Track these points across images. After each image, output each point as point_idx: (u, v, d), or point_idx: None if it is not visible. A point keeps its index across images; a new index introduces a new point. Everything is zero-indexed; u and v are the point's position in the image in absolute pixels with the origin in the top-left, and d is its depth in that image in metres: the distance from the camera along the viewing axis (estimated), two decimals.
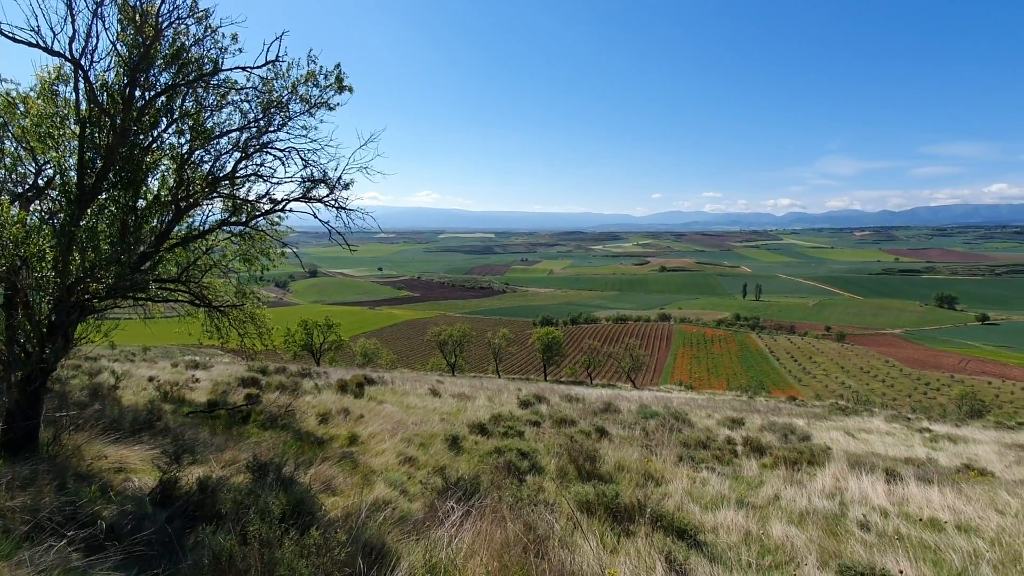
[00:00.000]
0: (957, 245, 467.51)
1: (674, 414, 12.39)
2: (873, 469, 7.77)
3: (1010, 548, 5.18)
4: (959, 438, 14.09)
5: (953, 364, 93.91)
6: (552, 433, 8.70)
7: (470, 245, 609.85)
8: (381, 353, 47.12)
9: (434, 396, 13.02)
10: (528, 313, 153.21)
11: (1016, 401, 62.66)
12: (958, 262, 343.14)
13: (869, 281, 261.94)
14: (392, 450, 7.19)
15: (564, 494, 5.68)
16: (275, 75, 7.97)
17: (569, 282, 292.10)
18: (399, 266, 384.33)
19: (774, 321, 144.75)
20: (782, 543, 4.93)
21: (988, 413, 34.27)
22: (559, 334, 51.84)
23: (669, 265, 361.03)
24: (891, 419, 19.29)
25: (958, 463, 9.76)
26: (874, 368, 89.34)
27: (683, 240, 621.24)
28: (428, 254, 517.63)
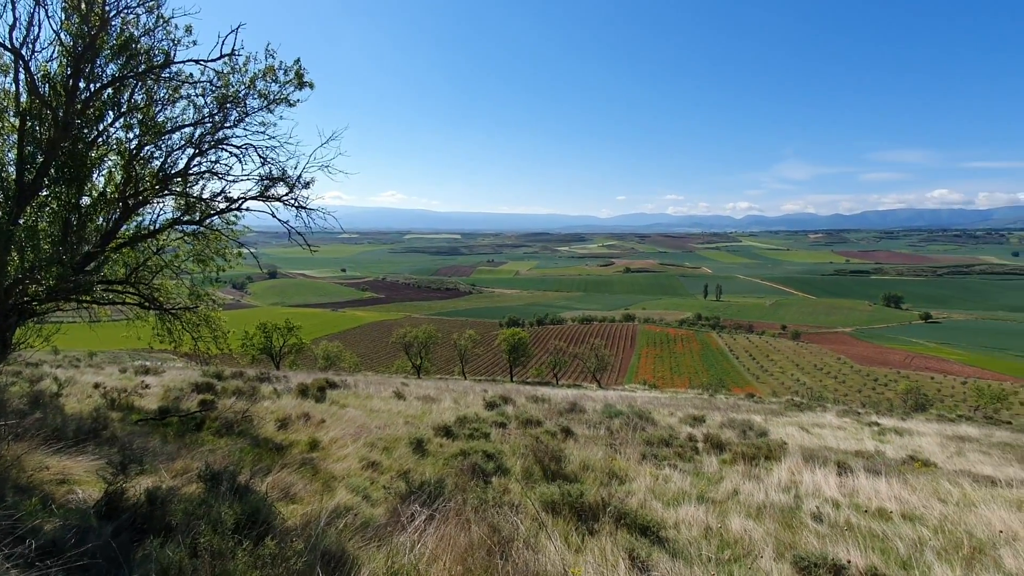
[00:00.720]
0: (903, 247, 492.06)
1: (638, 413, 12.59)
2: (826, 462, 8.07)
3: (952, 535, 5.46)
4: (905, 431, 14.80)
5: (899, 361, 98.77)
6: (518, 434, 8.70)
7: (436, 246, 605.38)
8: (344, 356, 46.21)
9: (399, 399, 12.84)
10: (494, 314, 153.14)
11: (956, 395, 66.38)
12: (904, 263, 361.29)
13: (822, 282, 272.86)
14: (355, 455, 7.04)
15: (529, 495, 5.68)
16: (232, 69, 7.71)
17: (535, 283, 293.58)
18: (363, 267, 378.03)
19: (733, 321, 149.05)
20: (741, 536, 5.05)
21: (931, 407, 36.15)
22: (525, 335, 52.00)
23: (633, 266, 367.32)
24: (842, 414, 20.12)
25: (904, 455, 10.25)
26: (827, 365, 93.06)
27: (647, 242, 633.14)
28: (393, 255, 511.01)
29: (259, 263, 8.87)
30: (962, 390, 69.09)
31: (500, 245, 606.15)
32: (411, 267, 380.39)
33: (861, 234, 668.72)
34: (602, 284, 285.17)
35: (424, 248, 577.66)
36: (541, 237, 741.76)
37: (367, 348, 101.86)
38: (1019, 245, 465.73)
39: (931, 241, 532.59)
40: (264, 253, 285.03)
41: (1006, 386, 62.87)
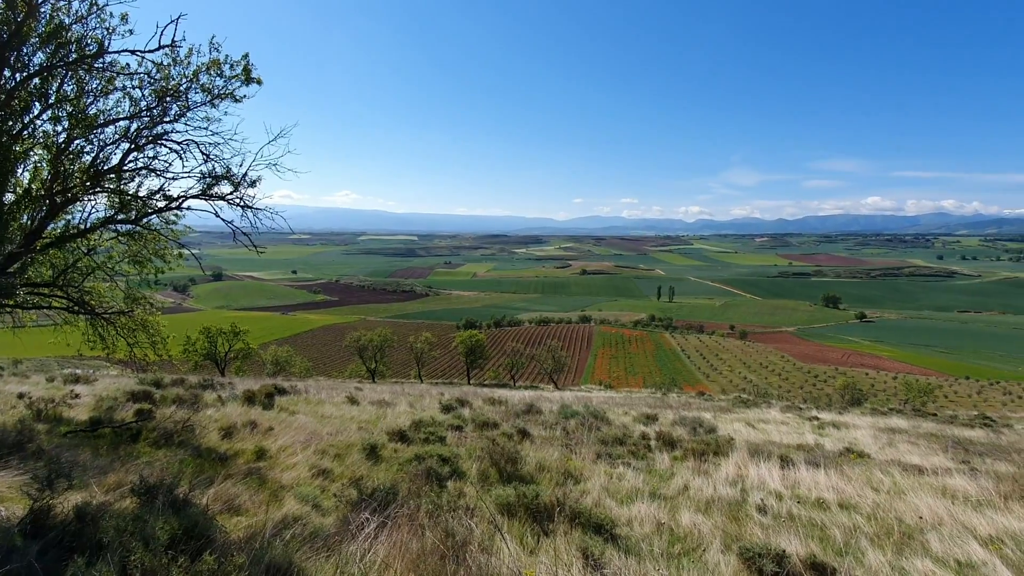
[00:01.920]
0: (840, 251, 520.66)
1: (593, 413, 12.75)
2: (770, 456, 8.39)
3: (884, 522, 5.79)
4: (842, 424, 15.58)
5: (837, 358, 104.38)
6: (474, 437, 8.66)
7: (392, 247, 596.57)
8: (295, 361, 44.76)
9: (352, 404, 12.54)
10: (452, 316, 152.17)
11: (888, 390, 70.69)
12: (841, 266, 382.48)
13: (767, 283, 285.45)
14: (304, 463, 6.82)
15: (485, 498, 5.65)
16: (173, 61, 7.34)
17: (493, 285, 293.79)
18: (316, 269, 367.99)
19: (685, 321, 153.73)
20: (690, 531, 5.19)
21: (866, 401, 38.35)
22: (482, 337, 51.91)
23: (590, 268, 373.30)
24: (786, 409, 21.04)
25: (841, 447, 10.78)
26: (772, 363, 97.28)
27: (603, 244, 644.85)
28: (347, 256, 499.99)
29: (201, 265, 8.48)
30: (893, 385, 73.62)
31: (457, 247, 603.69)
32: (366, 269, 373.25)
33: (803, 238, 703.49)
34: (559, 286, 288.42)
35: (379, 249, 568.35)
36: (499, 239, 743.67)
37: (319, 352, 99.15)
38: (943, 249, 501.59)
39: (865, 245, 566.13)
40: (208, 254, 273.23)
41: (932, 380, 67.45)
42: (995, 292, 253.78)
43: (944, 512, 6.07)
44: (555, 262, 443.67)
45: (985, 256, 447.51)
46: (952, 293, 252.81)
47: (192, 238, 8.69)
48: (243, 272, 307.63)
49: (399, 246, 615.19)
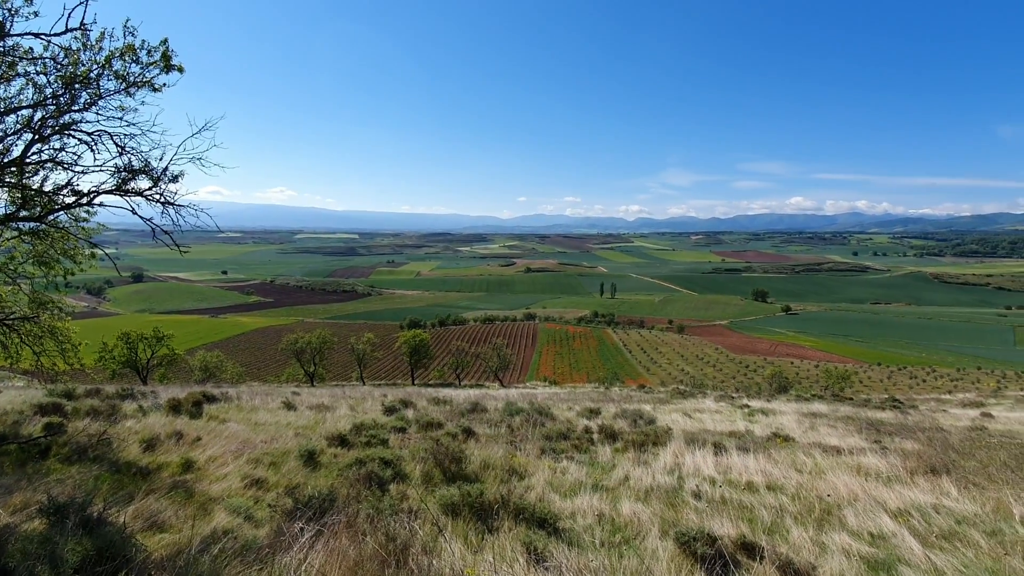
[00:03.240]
0: (767, 248, 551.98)
1: (538, 409, 12.88)
2: (704, 444, 8.78)
3: (806, 500, 6.19)
4: (770, 411, 16.51)
5: (766, 348, 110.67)
6: (418, 438, 8.53)
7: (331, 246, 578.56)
8: (226, 366, 42.48)
9: (288, 410, 12.04)
10: (395, 316, 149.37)
11: (811, 377, 75.57)
12: (768, 262, 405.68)
13: (702, 279, 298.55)
14: (236, 473, 6.49)
15: (428, 499, 5.58)
16: (83, 46, 6.77)
17: (437, 284, 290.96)
18: (248, 269, 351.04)
19: (627, 317, 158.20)
20: (631, 520, 5.34)
21: (791, 389, 40.82)
22: (427, 336, 51.27)
23: (534, 266, 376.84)
24: (719, 399, 22.09)
25: (769, 432, 11.43)
26: (707, 355, 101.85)
27: (547, 242, 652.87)
28: (283, 255, 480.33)
29: (116, 266, 7.86)
30: (815, 372, 78.83)
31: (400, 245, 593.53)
32: (303, 268, 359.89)
33: (734, 236, 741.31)
34: (504, 284, 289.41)
35: (318, 248, 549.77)
36: (443, 237, 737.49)
37: (253, 357, 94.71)
38: (857, 246, 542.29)
39: (790, 243, 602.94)
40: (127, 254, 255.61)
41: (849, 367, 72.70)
42: (902, 285, 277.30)
43: (859, 489, 6.56)
44: (500, 260, 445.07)
45: (893, 252, 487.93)
46: (865, 286, 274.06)
47: (108, 236, 8.05)
48: (167, 273, 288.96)
49: (339, 245, 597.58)
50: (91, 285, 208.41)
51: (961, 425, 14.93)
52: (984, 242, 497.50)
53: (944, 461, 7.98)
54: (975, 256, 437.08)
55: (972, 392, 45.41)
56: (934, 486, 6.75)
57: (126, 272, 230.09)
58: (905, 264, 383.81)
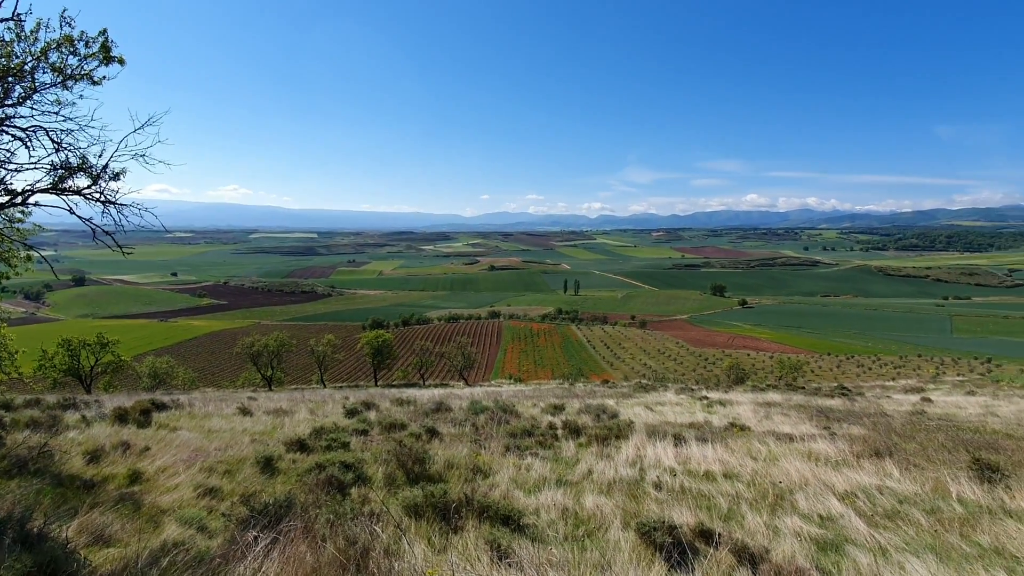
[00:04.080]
0: (725, 244, 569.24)
1: (503, 407, 12.88)
2: (665, 436, 8.97)
3: (761, 487, 6.40)
4: (727, 402, 17.04)
5: (724, 341, 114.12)
6: (381, 440, 8.40)
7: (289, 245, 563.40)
8: (177, 372, 40.74)
9: (244, 415, 11.65)
10: (357, 317, 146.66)
11: (766, 368, 78.31)
12: (726, 257, 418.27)
13: (663, 275, 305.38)
14: (188, 483, 6.23)
15: (391, 501, 5.50)
16: (17, 36, 6.37)
17: (400, 283, 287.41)
18: (200, 270, 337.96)
19: (590, 313, 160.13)
20: (594, 513, 5.40)
21: (748, 380, 42.27)
22: (390, 337, 50.52)
23: (498, 264, 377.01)
24: (680, 391, 22.64)
25: (726, 422, 11.78)
26: (668, 349, 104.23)
27: (510, 240, 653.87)
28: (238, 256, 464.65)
29: (53, 268, 7.42)
30: (770, 363, 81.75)
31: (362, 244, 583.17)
32: (260, 269, 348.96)
33: (693, 232, 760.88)
34: (468, 282, 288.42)
35: (275, 248, 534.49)
36: (406, 236, 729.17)
37: (206, 362, 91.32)
38: (808, 241, 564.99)
39: (745, 239, 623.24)
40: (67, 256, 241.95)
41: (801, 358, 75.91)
42: (849, 278, 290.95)
43: (809, 473, 6.84)
44: (463, 259, 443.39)
45: (841, 247, 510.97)
46: (816, 280, 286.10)
47: (45, 238, 7.61)
48: (112, 275, 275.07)
49: (297, 244, 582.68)
50: (29, 289, 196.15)
51: (903, 410, 15.78)
52: (923, 237, 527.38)
53: (887, 444, 8.41)
54: (915, 250, 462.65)
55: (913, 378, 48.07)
56: (878, 468, 7.11)
57: (65, 275, 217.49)
58: (852, 258, 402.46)
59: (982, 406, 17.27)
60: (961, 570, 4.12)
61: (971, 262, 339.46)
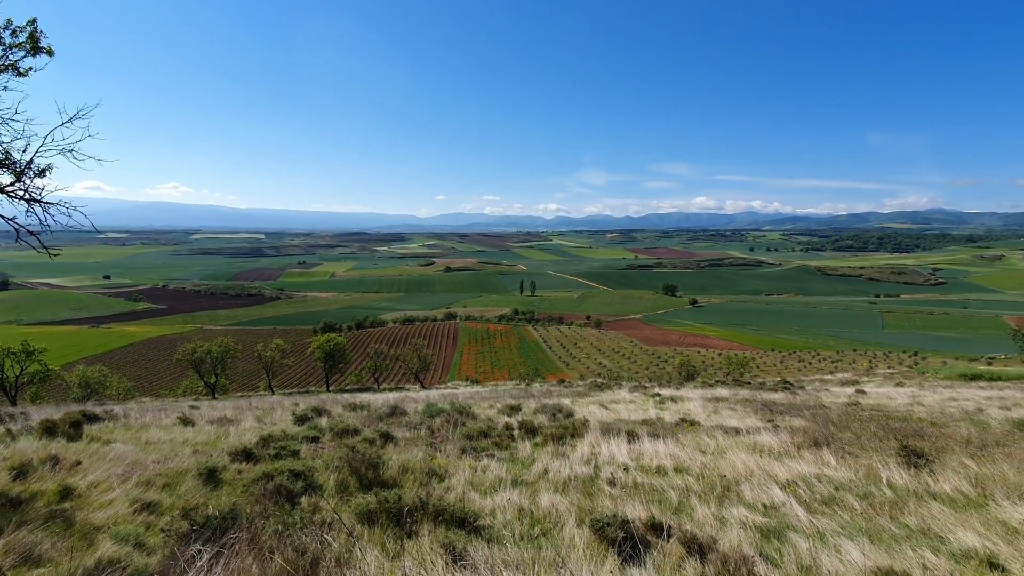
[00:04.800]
0: (676, 245, 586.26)
1: (459, 409, 12.81)
2: (619, 433, 9.16)
3: (709, 479, 6.62)
4: (679, 398, 17.53)
5: (675, 339, 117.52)
6: (333, 447, 8.19)
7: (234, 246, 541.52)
8: (111, 381, 38.38)
9: (186, 425, 11.10)
10: (308, 320, 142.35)
11: (715, 365, 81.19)
12: (677, 258, 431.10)
13: (617, 275, 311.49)
14: (124, 498, 5.88)
15: (343, 508, 5.37)
16: None
17: (353, 285, 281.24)
18: (136, 273, 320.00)
19: (547, 313, 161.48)
20: (549, 511, 5.45)
21: (698, 376, 43.68)
22: (342, 340, 49.25)
23: (454, 265, 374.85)
24: (634, 389, 23.14)
25: (677, 418, 12.13)
26: (623, 348, 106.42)
27: (466, 241, 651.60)
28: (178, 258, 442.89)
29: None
30: (718, 360, 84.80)
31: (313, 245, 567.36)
32: (202, 271, 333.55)
33: (646, 233, 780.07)
34: (423, 284, 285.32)
35: (219, 249, 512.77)
36: (359, 237, 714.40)
37: (144, 370, 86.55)
38: (753, 242, 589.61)
39: (696, 240, 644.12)
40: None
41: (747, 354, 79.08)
42: (791, 277, 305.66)
43: (754, 465, 7.13)
44: (419, 260, 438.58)
45: (784, 248, 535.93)
46: (761, 279, 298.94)
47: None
48: (38, 279, 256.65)
49: (243, 245, 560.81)
50: None
51: (840, 402, 16.70)
52: (857, 238, 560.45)
53: (825, 435, 8.88)
54: (850, 251, 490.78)
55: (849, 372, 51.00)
56: (817, 458, 7.49)
57: None
58: (793, 259, 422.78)
59: (910, 397, 18.50)
60: (891, 551, 4.39)
61: (900, 262, 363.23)
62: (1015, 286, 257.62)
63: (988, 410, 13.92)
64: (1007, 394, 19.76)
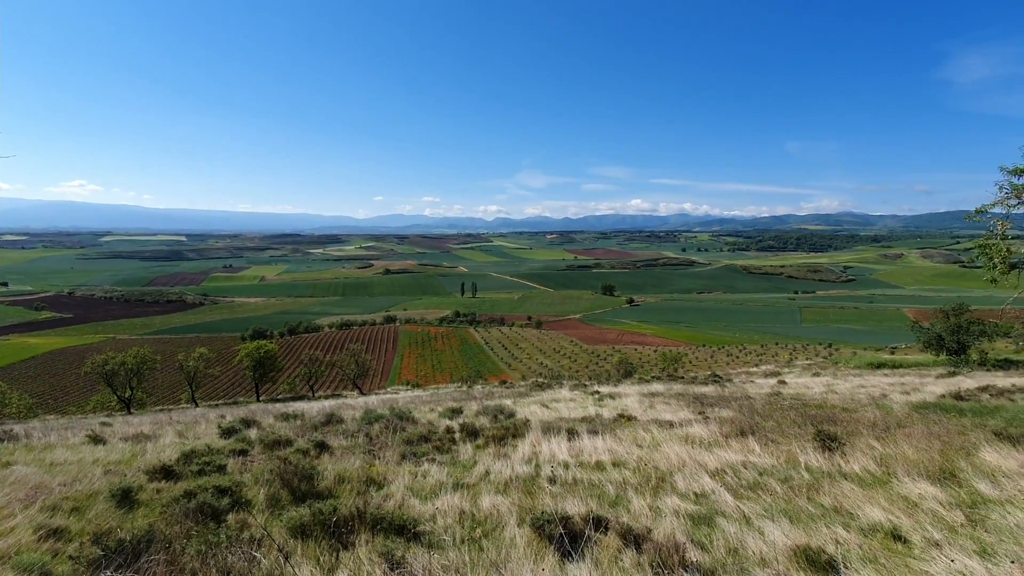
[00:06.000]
0: (613, 246, 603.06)
1: (399, 414, 12.56)
2: (559, 431, 9.28)
3: (645, 472, 6.83)
4: (617, 395, 18.03)
5: (614, 338, 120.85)
6: (263, 459, 7.79)
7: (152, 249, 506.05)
8: (9, 398, 34.75)
9: (96, 444, 10.22)
10: (235, 327, 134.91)
11: (651, 361, 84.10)
12: (615, 258, 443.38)
13: (557, 276, 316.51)
14: (27, 525, 5.33)
15: (273, 523, 5.12)
16: None
17: (286, 289, 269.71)
18: (38, 279, 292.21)
19: (488, 315, 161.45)
20: (491, 513, 5.44)
21: (635, 373, 45.14)
22: (273, 347, 47.02)
23: (393, 267, 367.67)
24: (574, 388, 23.58)
25: (615, 414, 12.46)
26: (563, 348, 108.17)
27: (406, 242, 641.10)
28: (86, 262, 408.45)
29: None
30: (654, 356, 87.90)
31: (240, 248, 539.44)
32: (114, 277, 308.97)
33: (585, 235, 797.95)
34: (361, 287, 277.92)
35: (134, 252, 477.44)
36: (291, 239, 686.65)
37: (48, 385, 79.17)
38: (685, 243, 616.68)
39: (632, 240, 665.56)
40: None
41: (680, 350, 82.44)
42: (720, 276, 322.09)
43: (687, 456, 7.44)
44: (356, 262, 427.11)
45: (713, 248, 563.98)
46: (693, 278, 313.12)
47: None
48: None
49: (161, 248, 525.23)
50: None
51: (764, 392, 17.76)
52: (778, 239, 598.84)
53: (751, 424, 9.40)
54: (772, 251, 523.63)
55: (772, 364, 54.36)
56: (743, 446, 7.91)
57: None
58: (722, 258, 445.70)
59: (825, 385, 19.97)
60: (808, 529, 4.71)
61: (815, 261, 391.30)
62: (913, 282, 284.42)
63: (891, 395, 15.26)
64: (907, 380, 21.76)
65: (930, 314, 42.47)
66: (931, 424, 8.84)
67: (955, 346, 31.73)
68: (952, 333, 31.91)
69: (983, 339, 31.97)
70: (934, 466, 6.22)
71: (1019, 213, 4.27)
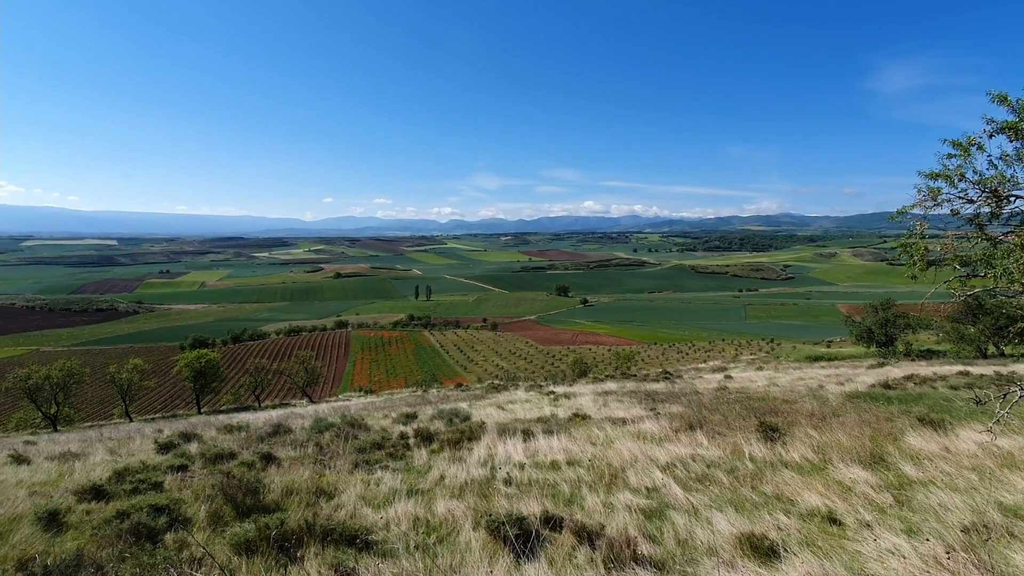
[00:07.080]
0: (567, 247, 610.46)
1: (350, 421, 12.26)
2: (515, 433, 9.30)
3: (599, 469, 6.94)
4: (572, 394, 18.25)
5: (569, 338, 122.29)
6: (204, 474, 7.42)
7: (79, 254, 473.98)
8: None
9: (19, 464, 9.45)
10: (173, 336, 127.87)
11: (605, 360, 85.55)
12: (568, 260, 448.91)
13: (512, 277, 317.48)
14: None
15: (217, 541, 4.89)
16: None
17: (228, 295, 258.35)
18: None
19: (443, 318, 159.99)
20: (446, 517, 5.38)
21: (590, 372, 45.81)
22: (216, 356, 44.83)
23: (344, 271, 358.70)
24: (529, 389, 23.71)
25: (570, 414, 12.60)
26: (519, 349, 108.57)
27: (357, 245, 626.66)
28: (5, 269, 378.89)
29: None
30: (608, 356, 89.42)
31: (178, 252, 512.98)
32: (37, 284, 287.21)
33: (539, 236, 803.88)
34: (311, 291, 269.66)
35: (58, 258, 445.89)
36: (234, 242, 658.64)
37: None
38: (636, 244, 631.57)
39: (585, 242, 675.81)
40: None
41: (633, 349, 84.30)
42: (670, 276, 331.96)
43: (639, 451, 7.60)
44: (305, 266, 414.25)
45: (663, 248, 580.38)
46: (644, 278, 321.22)
47: None
48: None
49: (90, 253, 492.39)
50: None
51: (711, 387, 18.41)
52: (723, 239, 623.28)
53: (699, 418, 9.71)
54: (718, 251, 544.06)
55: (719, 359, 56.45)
56: (692, 440, 8.16)
57: None
58: (671, 258, 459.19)
59: (767, 379, 20.91)
60: (752, 517, 4.90)
61: (757, 260, 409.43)
62: (846, 279, 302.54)
63: (827, 386, 16.15)
64: (841, 372, 23.10)
65: (861, 309, 45.28)
66: (862, 412, 9.40)
67: (884, 338, 33.97)
68: (881, 326, 34.15)
69: (908, 331, 34.39)
70: (865, 452, 6.61)
71: (935, 215, 4.65)
